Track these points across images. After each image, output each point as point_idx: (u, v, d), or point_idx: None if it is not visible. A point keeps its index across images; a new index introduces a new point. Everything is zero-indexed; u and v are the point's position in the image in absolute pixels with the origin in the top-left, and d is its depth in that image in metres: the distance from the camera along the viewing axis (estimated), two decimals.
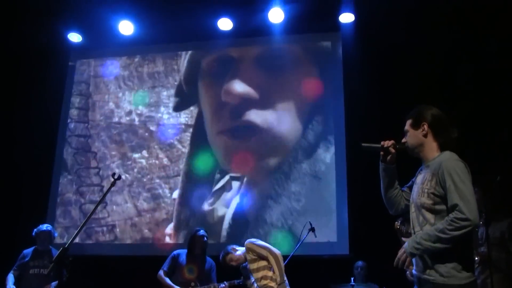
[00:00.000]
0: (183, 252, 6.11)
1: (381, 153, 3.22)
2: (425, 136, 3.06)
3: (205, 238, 6.08)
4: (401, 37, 6.74)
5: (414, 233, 3.00)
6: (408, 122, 3.15)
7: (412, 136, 3.12)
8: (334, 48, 7.68)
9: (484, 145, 6.10)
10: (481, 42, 6.59)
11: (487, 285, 4.41)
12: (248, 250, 5.04)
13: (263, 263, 4.95)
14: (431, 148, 3.05)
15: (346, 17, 7.39)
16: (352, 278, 6.02)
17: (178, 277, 5.92)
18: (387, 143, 3.20)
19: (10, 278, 5.97)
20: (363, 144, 3.26)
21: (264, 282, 4.88)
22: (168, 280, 5.88)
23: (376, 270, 6.35)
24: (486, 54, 6.57)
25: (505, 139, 6.14)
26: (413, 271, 3.02)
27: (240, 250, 5.26)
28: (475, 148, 5.97)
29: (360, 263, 6.48)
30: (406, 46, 6.79)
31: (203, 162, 7.64)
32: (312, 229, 6.01)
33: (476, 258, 4.64)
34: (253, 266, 5.00)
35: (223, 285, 5.81)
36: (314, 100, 7.49)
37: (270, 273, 4.89)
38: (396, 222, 4.96)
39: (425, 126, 3.05)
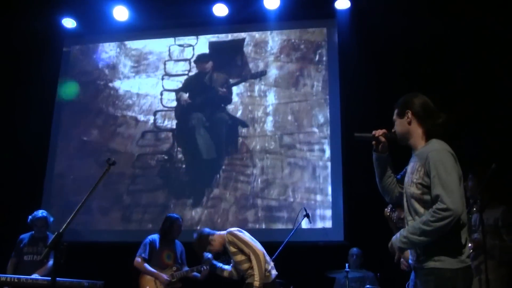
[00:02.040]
0: (156, 237, 6.07)
1: (373, 142, 3.23)
2: (409, 123, 3.06)
3: (181, 227, 6.11)
4: (397, 23, 6.72)
5: (407, 222, 3.02)
6: (395, 111, 3.17)
7: (398, 124, 3.14)
8: (329, 35, 7.65)
9: (480, 133, 6.11)
10: (479, 28, 6.56)
11: (481, 271, 4.44)
12: (230, 243, 4.87)
13: (245, 256, 4.82)
14: (418, 136, 3.05)
15: (342, 4, 7.37)
16: (346, 265, 6.04)
17: (156, 262, 5.91)
18: (378, 132, 3.21)
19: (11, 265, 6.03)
20: (355, 134, 3.29)
21: (251, 272, 4.80)
22: (149, 267, 5.86)
23: (371, 256, 6.38)
24: (486, 41, 6.56)
25: (501, 127, 6.15)
26: (410, 261, 3.04)
27: (218, 240, 5.01)
28: (472, 136, 5.99)
29: (354, 250, 6.49)
30: (402, 33, 6.77)
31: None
32: (307, 215, 6.02)
33: (470, 245, 4.65)
34: (237, 258, 4.87)
35: (204, 268, 5.78)
36: (309, 88, 7.47)
37: None
38: (386, 209, 4.96)
39: (409, 114, 3.06)
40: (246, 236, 4.90)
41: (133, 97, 8.29)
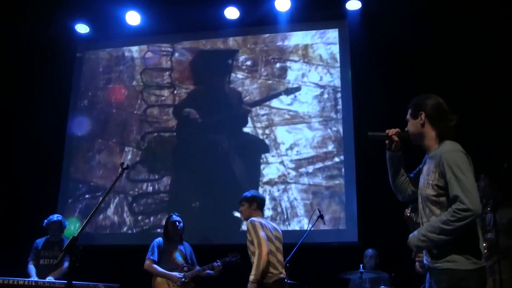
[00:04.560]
0: (161, 239, 6.07)
1: (386, 141, 3.25)
2: (422, 125, 3.08)
3: (177, 224, 6.04)
4: (408, 24, 6.69)
5: (422, 224, 3.03)
6: (409, 111, 3.19)
7: (411, 125, 3.16)
8: (341, 36, 7.63)
9: (492, 133, 6.07)
10: (486, 27, 6.53)
11: (495, 271, 4.41)
12: (247, 230, 4.79)
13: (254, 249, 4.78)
14: (431, 137, 3.08)
15: (353, 4, 7.36)
16: (361, 266, 6.03)
17: (167, 263, 5.91)
18: (391, 132, 3.25)
19: (32, 268, 6.06)
20: (369, 133, 3.33)
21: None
22: (160, 268, 5.85)
23: (385, 257, 6.36)
24: (498, 42, 6.52)
25: None
26: (424, 261, 3.05)
27: (245, 213, 5.05)
28: (483, 136, 5.96)
29: (370, 251, 6.46)
30: (413, 33, 6.73)
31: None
32: (321, 216, 6.01)
33: (484, 245, 4.62)
34: (249, 247, 4.82)
35: (217, 264, 5.84)
36: (321, 90, 7.47)
37: None
38: (406, 210, 4.93)
39: (422, 116, 3.08)
40: (262, 231, 4.73)
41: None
